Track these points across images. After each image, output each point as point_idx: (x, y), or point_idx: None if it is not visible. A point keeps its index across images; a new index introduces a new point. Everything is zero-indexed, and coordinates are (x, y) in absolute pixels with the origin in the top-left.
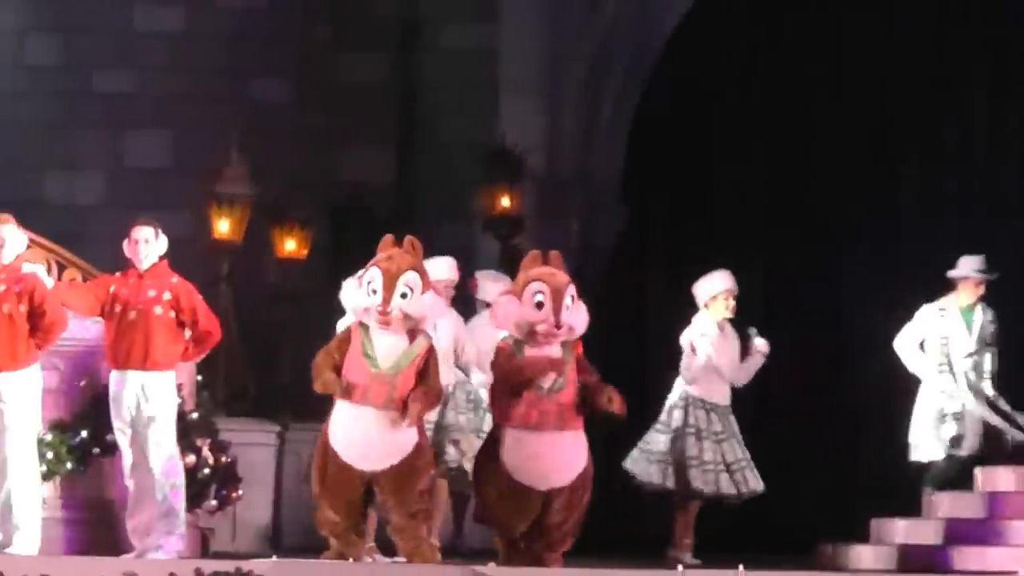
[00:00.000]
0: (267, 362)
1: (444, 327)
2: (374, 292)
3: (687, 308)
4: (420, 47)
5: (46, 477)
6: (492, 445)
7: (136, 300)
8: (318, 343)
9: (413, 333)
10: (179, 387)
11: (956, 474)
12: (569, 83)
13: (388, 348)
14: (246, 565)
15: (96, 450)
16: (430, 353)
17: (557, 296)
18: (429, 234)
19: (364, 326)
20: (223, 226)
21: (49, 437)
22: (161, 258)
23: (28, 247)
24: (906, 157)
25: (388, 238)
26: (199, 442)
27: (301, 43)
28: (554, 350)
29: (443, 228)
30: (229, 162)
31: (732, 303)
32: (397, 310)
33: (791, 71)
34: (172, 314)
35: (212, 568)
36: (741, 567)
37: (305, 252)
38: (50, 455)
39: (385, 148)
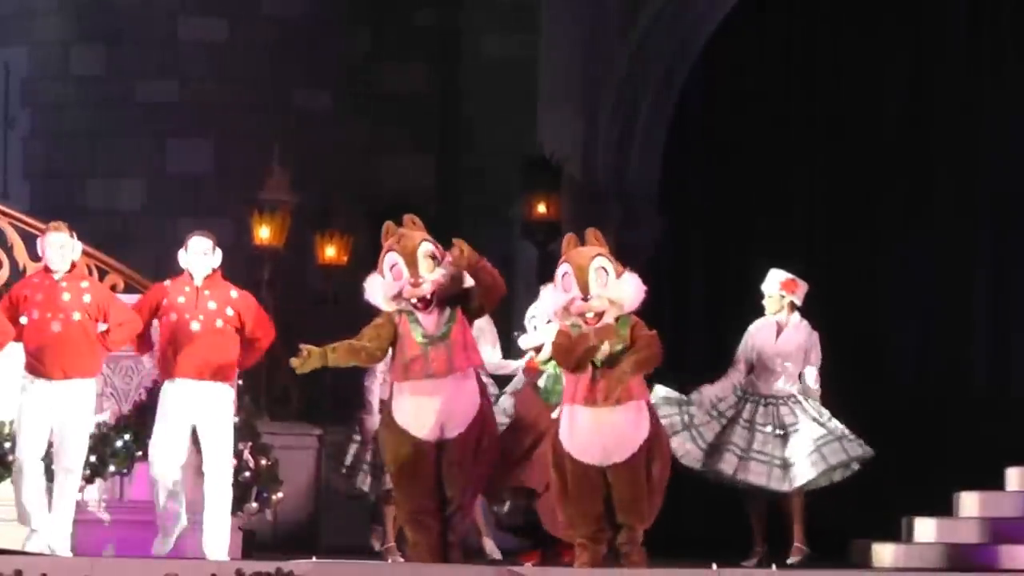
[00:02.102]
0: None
1: None
2: (398, 275)
3: (726, 316)
4: (460, 57)
5: (89, 480)
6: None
7: (195, 311)
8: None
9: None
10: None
11: None
12: (606, 92)
13: (430, 320)
14: (286, 566)
15: (139, 453)
16: (468, 291)
17: (580, 272)
18: (468, 240)
19: (406, 315)
20: (264, 233)
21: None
22: (214, 270)
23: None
24: (946, 158)
25: (389, 225)
26: (241, 445)
27: (342, 53)
28: (603, 328)
29: (482, 234)
30: (271, 170)
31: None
32: (428, 281)
33: (827, 75)
34: (232, 328)
35: (253, 569)
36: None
37: (345, 258)
38: (93, 458)
39: (425, 156)
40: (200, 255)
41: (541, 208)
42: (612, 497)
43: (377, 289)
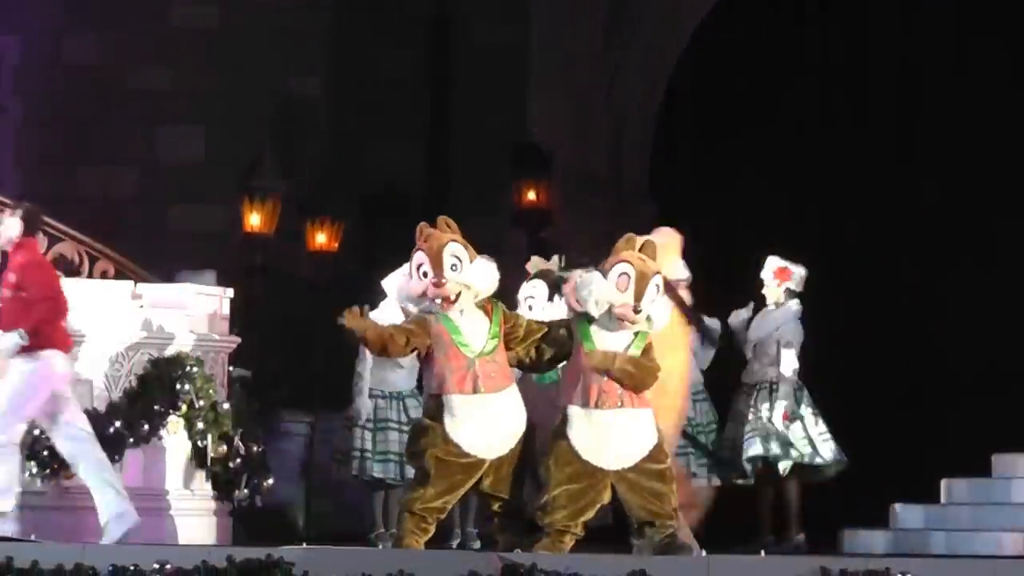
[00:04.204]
0: (299, 353)
1: None
2: (425, 274)
3: (717, 303)
4: (451, 43)
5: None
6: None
7: None
8: (348, 335)
9: (486, 309)
10: (211, 376)
11: None
12: (597, 79)
13: (472, 331)
14: (276, 552)
15: (130, 440)
16: (509, 318)
17: (642, 281)
18: (459, 227)
19: (444, 323)
20: (255, 220)
21: None
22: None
23: (61, 240)
24: (932, 151)
25: (422, 225)
26: (231, 432)
27: (333, 40)
28: (623, 335)
29: (472, 222)
30: (261, 156)
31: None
32: (452, 282)
33: (817, 63)
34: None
35: (243, 555)
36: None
37: (336, 245)
38: None
39: (416, 143)
40: None
41: (531, 195)
42: (627, 500)
43: (407, 288)
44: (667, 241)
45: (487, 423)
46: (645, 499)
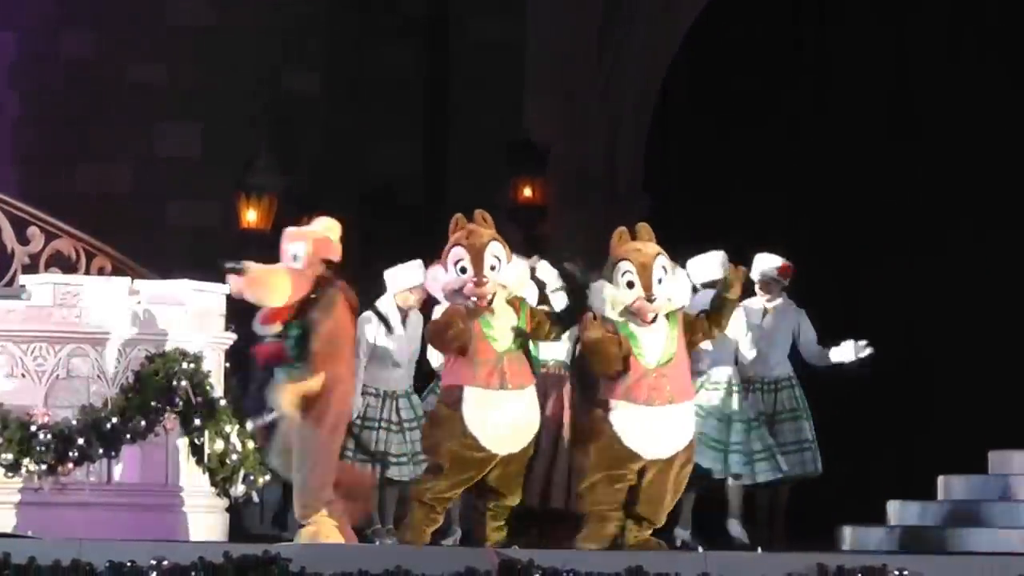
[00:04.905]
0: None
1: (417, 324)
2: (463, 270)
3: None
4: (447, 41)
5: (78, 462)
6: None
7: None
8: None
9: (514, 306)
10: (207, 372)
11: None
12: (592, 76)
13: (502, 326)
14: (274, 548)
15: (127, 436)
16: (535, 314)
17: (644, 271)
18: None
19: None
20: (251, 216)
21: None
22: None
23: (59, 236)
24: (927, 149)
25: (459, 217)
26: (227, 428)
27: (330, 38)
28: (659, 324)
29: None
30: (258, 153)
31: None
32: (492, 282)
33: (811, 58)
34: None
35: (240, 551)
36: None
37: None
38: (82, 440)
39: (413, 140)
40: None
41: (527, 192)
42: (639, 490)
43: (440, 281)
44: (328, 226)
45: (507, 419)
46: (659, 493)
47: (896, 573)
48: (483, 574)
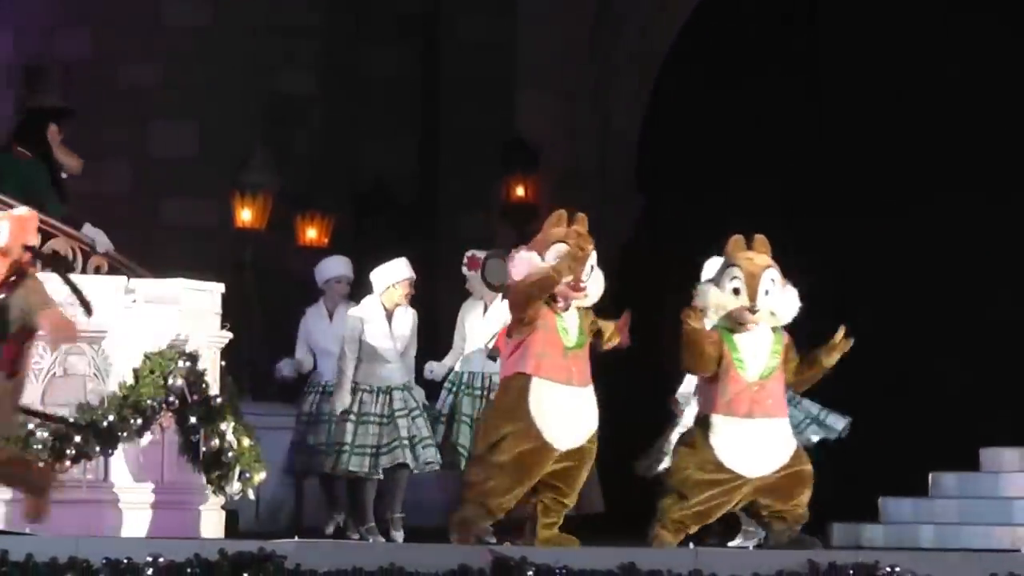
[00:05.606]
0: (290, 348)
1: (404, 319)
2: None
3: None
4: (440, 40)
5: (75, 460)
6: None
7: None
8: None
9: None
10: (203, 371)
11: None
12: (585, 74)
13: (571, 324)
14: (269, 546)
15: (123, 433)
16: (590, 315)
17: (752, 280)
18: (449, 223)
19: (553, 312)
20: (246, 215)
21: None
22: None
23: (55, 235)
24: (922, 146)
25: (561, 212)
26: (223, 426)
27: (325, 36)
28: (763, 336)
29: (462, 217)
30: (253, 152)
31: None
32: (589, 286)
33: (803, 52)
34: None
35: (236, 549)
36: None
37: (327, 240)
38: (78, 439)
39: (406, 139)
40: None
41: (520, 191)
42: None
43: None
44: (24, 215)
45: (572, 415)
46: (782, 501)
47: (887, 570)
48: (477, 571)
